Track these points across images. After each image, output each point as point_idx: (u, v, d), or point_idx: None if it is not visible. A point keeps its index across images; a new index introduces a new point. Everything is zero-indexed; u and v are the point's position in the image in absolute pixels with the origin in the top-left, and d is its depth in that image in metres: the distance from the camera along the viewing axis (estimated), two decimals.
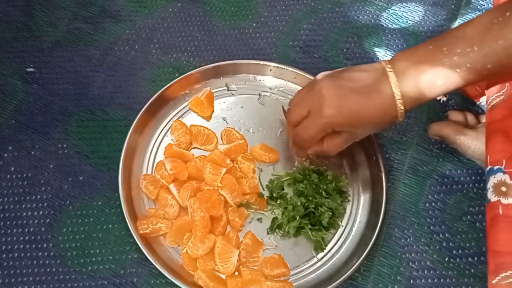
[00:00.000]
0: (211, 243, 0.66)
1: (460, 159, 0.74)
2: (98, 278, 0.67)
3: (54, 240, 0.69)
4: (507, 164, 0.62)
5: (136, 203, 0.70)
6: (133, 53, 0.83)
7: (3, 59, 0.82)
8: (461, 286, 0.67)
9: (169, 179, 0.70)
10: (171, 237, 0.67)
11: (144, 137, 0.74)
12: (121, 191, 0.68)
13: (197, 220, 0.66)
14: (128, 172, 0.71)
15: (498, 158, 0.62)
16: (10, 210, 0.71)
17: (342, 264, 0.66)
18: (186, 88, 0.77)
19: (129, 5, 0.88)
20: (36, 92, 0.80)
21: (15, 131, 0.77)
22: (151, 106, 0.74)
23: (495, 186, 0.62)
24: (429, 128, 0.73)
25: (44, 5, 0.88)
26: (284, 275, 0.66)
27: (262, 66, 0.79)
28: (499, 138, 0.63)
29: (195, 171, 0.70)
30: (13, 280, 0.67)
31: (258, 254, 0.67)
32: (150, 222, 0.67)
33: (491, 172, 0.62)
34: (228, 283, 0.64)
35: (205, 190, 0.69)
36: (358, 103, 0.58)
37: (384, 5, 0.89)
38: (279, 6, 0.89)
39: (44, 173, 0.73)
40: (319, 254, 0.68)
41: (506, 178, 0.61)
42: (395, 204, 0.72)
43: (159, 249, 0.67)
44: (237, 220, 0.68)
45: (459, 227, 0.70)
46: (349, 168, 0.73)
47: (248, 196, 0.70)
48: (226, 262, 0.65)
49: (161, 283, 0.67)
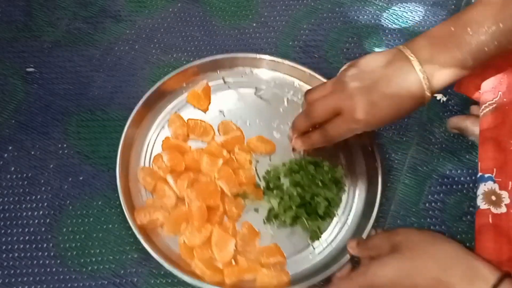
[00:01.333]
0: (208, 232, 0.66)
1: (460, 159, 0.74)
2: (98, 278, 0.67)
3: (54, 240, 0.69)
4: (497, 173, 0.62)
5: (134, 195, 0.70)
6: (133, 53, 0.84)
7: (3, 59, 0.82)
8: None
9: (166, 170, 0.71)
10: (169, 227, 0.68)
11: (142, 131, 0.75)
12: (119, 183, 0.68)
13: (194, 210, 0.66)
14: (125, 165, 0.71)
15: (489, 166, 0.63)
16: (10, 210, 0.71)
17: (338, 253, 0.67)
18: (183, 82, 0.78)
19: (129, 5, 0.88)
20: (36, 92, 0.80)
21: (15, 131, 0.77)
22: (148, 100, 0.75)
23: (485, 194, 0.62)
24: (448, 122, 0.74)
25: (44, 5, 0.88)
26: (280, 263, 0.67)
27: (259, 59, 0.80)
28: (491, 146, 0.64)
29: (192, 163, 0.71)
30: (13, 280, 0.67)
31: (255, 243, 0.68)
32: (147, 213, 0.67)
33: (481, 179, 0.63)
34: (225, 271, 0.65)
35: (202, 181, 0.69)
36: (391, 108, 0.59)
37: (384, 5, 0.89)
38: (279, 6, 0.89)
39: (44, 173, 0.73)
40: (315, 243, 0.69)
41: (496, 187, 0.61)
42: (395, 204, 0.72)
43: (157, 240, 0.67)
44: (233, 210, 0.69)
45: (459, 227, 0.70)
46: (345, 159, 0.74)
47: (245, 186, 0.71)
48: (223, 251, 0.65)
49: (161, 283, 0.67)
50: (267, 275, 0.65)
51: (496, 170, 0.62)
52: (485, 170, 0.63)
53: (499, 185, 0.61)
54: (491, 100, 0.67)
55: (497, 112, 0.65)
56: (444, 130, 0.76)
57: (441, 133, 0.76)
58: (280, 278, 0.65)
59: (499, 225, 0.60)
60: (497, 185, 0.61)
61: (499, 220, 0.60)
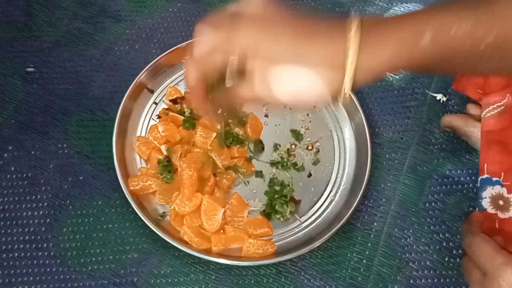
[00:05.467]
0: (198, 201, 0.68)
1: (460, 159, 0.74)
2: (98, 278, 0.67)
3: (54, 240, 0.69)
4: (505, 176, 0.62)
5: (128, 163, 0.73)
6: (133, 53, 0.84)
7: (3, 59, 0.82)
8: (461, 286, 0.67)
9: (161, 140, 0.73)
10: (160, 195, 0.70)
11: (140, 102, 0.77)
12: (115, 151, 0.71)
13: (185, 179, 0.68)
14: (122, 134, 0.74)
15: (496, 170, 0.63)
16: (10, 210, 0.71)
17: (324, 226, 0.69)
18: (183, 57, 0.79)
19: (129, 5, 0.88)
20: (36, 92, 0.80)
21: (15, 131, 0.77)
22: (148, 72, 0.77)
23: (492, 198, 0.62)
24: (441, 120, 0.74)
25: (44, 5, 0.88)
26: (267, 234, 0.69)
27: None
28: (497, 149, 0.64)
29: (186, 134, 0.74)
30: (13, 280, 0.67)
31: (243, 214, 0.70)
32: (140, 180, 0.70)
33: (488, 181, 0.63)
34: (212, 239, 0.67)
35: (194, 152, 0.71)
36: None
37: (385, 5, 0.89)
38: None
39: (44, 173, 0.74)
40: (302, 217, 0.71)
41: (504, 191, 0.61)
42: (395, 204, 0.72)
43: (149, 206, 0.69)
44: (224, 181, 0.71)
45: (459, 227, 0.70)
46: (337, 141, 0.76)
47: (236, 160, 0.73)
48: (211, 219, 0.67)
49: (161, 282, 0.67)
50: (253, 244, 0.67)
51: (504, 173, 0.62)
52: (492, 174, 0.63)
53: (507, 188, 0.61)
54: (499, 102, 0.66)
55: (505, 114, 0.65)
56: (444, 130, 0.76)
57: (441, 133, 0.76)
58: (265, 248, 0.67)
59: (505, 230, 0.60)
60: (505, 189, 0.61)
61: (506, 225, 0.60)
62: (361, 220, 0.71)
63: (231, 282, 0.67)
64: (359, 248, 0.69)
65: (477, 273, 0.53)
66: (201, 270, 0.67)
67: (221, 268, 0.67)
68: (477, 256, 0.53)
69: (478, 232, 0.57)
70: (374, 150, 0.74)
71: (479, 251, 0.53)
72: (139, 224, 0.70)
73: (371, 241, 0.70)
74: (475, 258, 0.53)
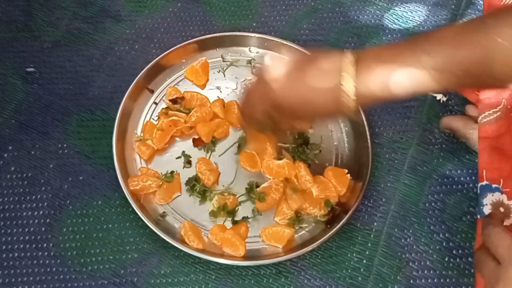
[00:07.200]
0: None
1: (460, 159, 0.74)
2: (98, 278, 0.67)
3: (54, 240, 0.69)
4: (504, 183, 0.62)
5: (128, 163, 0.73)
6: (133, 53, 0.84)
7: (3, 59, 0.82)
8: (461, 286, 0.67)
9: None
10: (160, 195, 0.70)
11: (140, 102, 0.77)
12: (115, 151, 0.71)
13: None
14: (122, 133, 0.74)
15: (495, 176, 0.62)
16: (10, 210, 0.71)
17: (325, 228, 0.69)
18: (183, 58, 0.80)
19: (129, 5, 0.88)
20: (36, 92, 0.80)
21: (15, 131, 0.77)
22: (148, 72, 0.77)
23: (493, 205, 0.62)
24: (440, 121, 0.74)
25: (44, 5, 0.88)
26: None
27: (257, 38, 0.82)
28: (496, 156, 0.63)
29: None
30: (13, 280, 0.67)
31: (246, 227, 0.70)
32: (140, 180, 0.70)
33: (488, 188, 0.62)
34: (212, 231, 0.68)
35: None
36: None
37: (385, 5, 0.89)
38: (279, 6, 0.89)
39: (44, 173, 0.74)
40: None
41: (504, 198, 0.61)
42: (395, 204, 0.72)
43: (148, 206, 0.70)
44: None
45: (459, 227, 0.70)
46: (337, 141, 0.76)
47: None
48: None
49: (161, 282, 0.67)
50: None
51: (503, 180, 0.62)
52: (492, 180, 0.62)
53: (507, 195, 0.61)
54: (495, 108, 0.65)
55: (502, 121, 0.64)
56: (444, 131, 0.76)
57: (441, 133, 0.76)
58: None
59: None
60: (505, 196, 0.61)
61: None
62: (361, 220, 0.71)
63: (231, 282, 0.67)
64: (359, 248, 0.69)
65: (492, 264, 0.53)
66: (201, 270, 0.67)
67: (221, 268, 0.67)
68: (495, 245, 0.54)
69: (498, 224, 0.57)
70: (374, 150, 0.74)
71: (497, 241, 0.53)
72: (139, 224, 0.70)
73: (371, 241, 0.70)
74: (492, 248, 0.54)
